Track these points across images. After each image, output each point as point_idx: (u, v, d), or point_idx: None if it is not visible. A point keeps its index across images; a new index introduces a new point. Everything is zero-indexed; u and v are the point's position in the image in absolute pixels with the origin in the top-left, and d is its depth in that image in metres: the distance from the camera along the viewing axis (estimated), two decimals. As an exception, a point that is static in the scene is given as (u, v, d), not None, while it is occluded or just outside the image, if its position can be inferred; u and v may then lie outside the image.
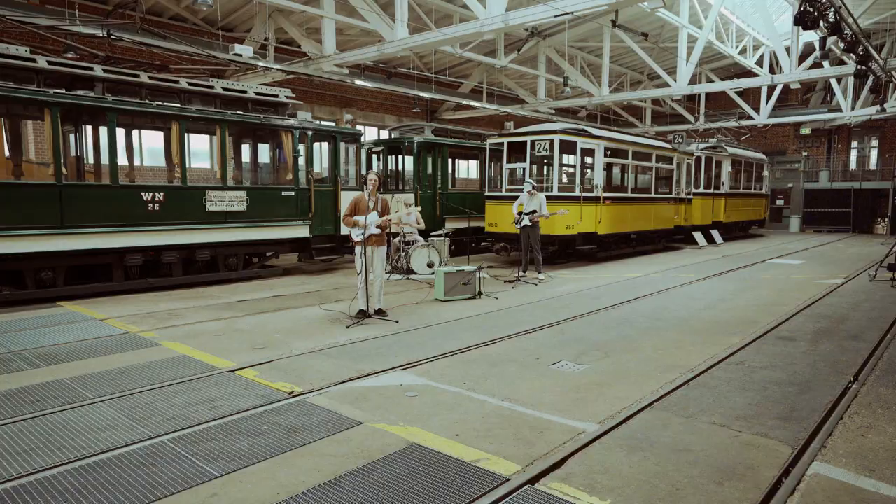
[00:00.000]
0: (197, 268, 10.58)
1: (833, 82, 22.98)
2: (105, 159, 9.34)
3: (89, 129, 10.39)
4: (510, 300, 9.44)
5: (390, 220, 8.08)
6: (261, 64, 13.93)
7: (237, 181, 12.30)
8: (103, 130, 9.24)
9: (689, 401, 4.85)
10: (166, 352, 6.22)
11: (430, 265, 12.13)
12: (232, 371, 5.56)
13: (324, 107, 21.97)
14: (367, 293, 7.94)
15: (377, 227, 8.00)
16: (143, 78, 9.73)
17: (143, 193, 9.51)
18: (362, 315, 7.95)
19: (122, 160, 9.64)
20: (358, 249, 7.93)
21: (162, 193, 9.72)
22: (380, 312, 8.24)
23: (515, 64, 20.45)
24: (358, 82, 16.54)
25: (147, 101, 9.61)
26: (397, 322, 7.74)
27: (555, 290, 10.52)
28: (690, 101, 27.48)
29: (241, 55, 13.34)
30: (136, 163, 11.73)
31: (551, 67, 23.54)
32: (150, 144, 16.16)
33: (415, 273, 12.00)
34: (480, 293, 9.74)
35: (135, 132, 11.39)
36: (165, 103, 9.79)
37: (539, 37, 22.08)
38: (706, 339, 6.94)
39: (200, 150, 17.57)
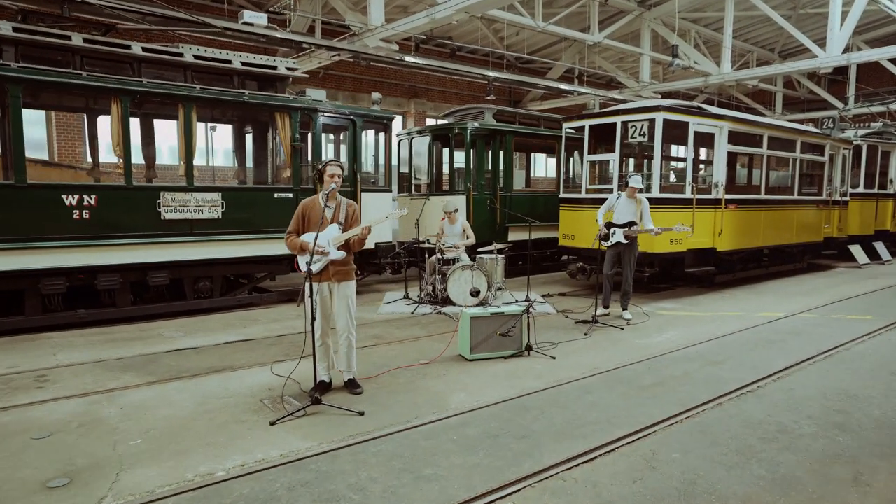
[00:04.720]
0: (157, 294, 7.98)
1: None
2: (9, 150, 6.86)
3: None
4: (572, 362, 5.97)
5: (358, 236, 4.89)
6: (277, 35, 11.26)
7: (209, 179, 9.61)
8: (7, 111, 6.78)
9: None
10: None
11: (476, 293, 8.81)
12: None
13: (390, 98, 19.28)
14: (316, 356, 4.83)
15: (340, 248, 4.89)
16: (76, 41, 7.21)
17: (64, 196, 6.95)
18: (319, 390, 4.85)
19: (37, 153, 7.10)
20: (307, 287, 4.82)
21: (93, 196, 7.12)
22: (351, 385, 5.13)
23: (613, 40, 16.63)
24: (408, 59, 13.51)
25: (75, 72, 7.08)
26: (362, 415, 4.55)
27: (648, 341, 6.91)
28: (838, 73, 21.94)
29: (251, 24, 10.77)
30: (66, 156, 9.22)
31: (657, 45, 19.43)
32: (91, 132, 13.28)
33: (452, 304, 8.75)
34: (529, 348, 6.36)
35: (59, 115, 8.93)
36: (101, 74, 7.22)
37: (643, 7, 18.12)
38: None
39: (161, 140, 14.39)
